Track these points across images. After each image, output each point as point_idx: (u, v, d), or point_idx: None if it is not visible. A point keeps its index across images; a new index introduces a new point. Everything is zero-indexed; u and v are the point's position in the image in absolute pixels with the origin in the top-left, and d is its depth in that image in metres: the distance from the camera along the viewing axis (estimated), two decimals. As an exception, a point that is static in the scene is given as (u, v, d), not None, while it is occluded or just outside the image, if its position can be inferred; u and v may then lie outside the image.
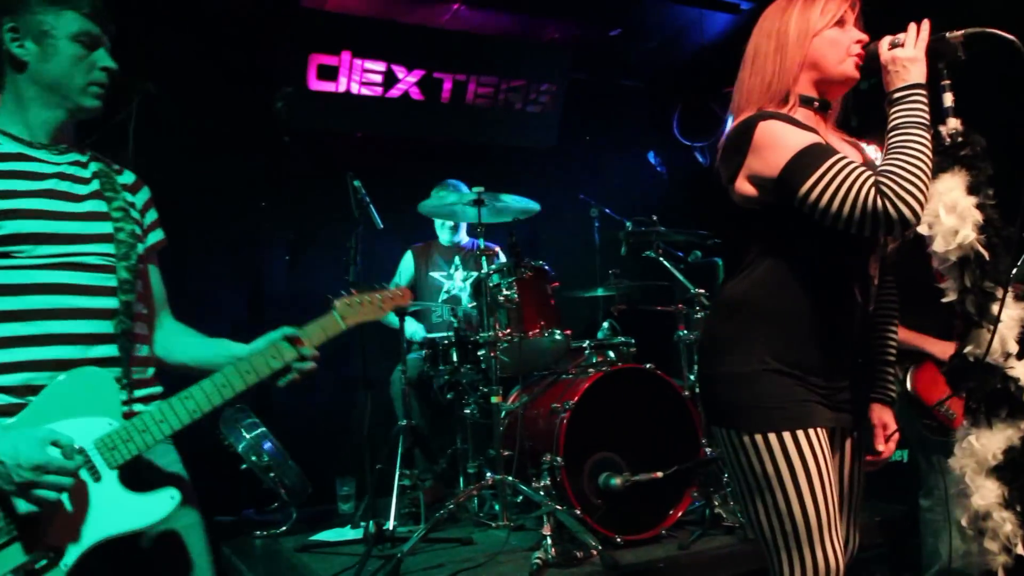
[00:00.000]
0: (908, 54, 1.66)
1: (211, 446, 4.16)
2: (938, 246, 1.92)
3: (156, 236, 1.83)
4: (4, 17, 1.59)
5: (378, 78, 4.80)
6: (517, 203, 3.79)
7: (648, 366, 3.50)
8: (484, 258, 3.57)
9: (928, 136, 1.61)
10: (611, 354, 3.70)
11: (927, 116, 1.63)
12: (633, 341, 4.06)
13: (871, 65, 1.74)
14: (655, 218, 4.13)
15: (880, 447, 1.86)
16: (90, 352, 1.57)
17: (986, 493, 1.92)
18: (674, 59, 5.65)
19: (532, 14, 4.98)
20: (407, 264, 4.60)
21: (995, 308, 1.94)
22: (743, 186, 1.68)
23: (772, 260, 1.70)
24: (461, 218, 4.31)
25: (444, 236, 4.55)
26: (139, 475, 1.56)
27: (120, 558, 1.55)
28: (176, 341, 1.83)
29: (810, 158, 1.58)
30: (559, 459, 3.22)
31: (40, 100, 1.61)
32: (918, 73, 1.65)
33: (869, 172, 1.56)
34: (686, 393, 3.51)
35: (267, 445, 4.02)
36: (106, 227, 1.64)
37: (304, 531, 3.84)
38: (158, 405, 1.59)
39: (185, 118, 4.46)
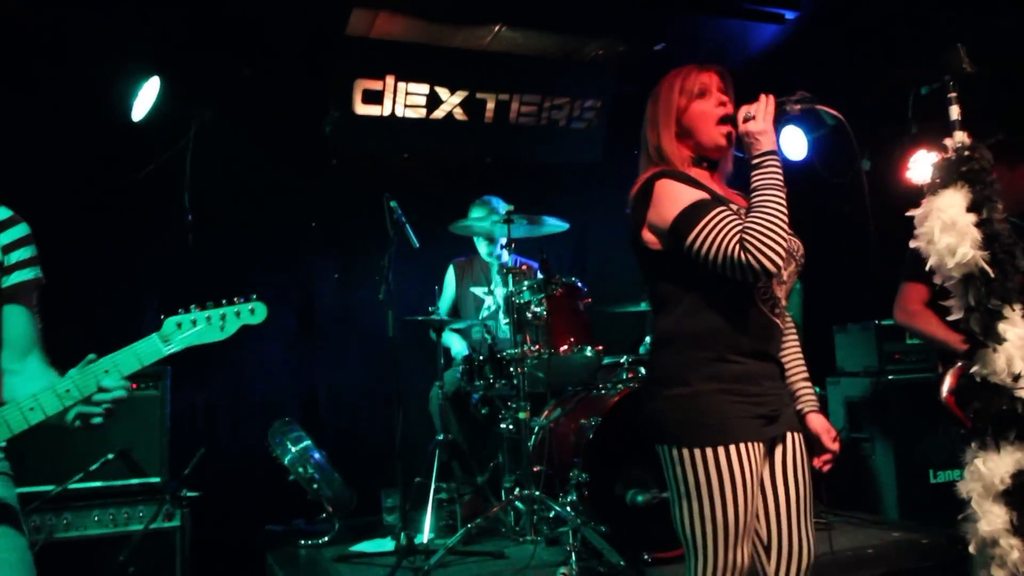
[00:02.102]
0: (758, 127, 1.88)
1: (264, 458, 4.34)
2: (936, 264, 1.88)
3: (22, 275, 1.74)
4: None
5: (422, 100, 4.93)
6: (548, 221, 3.82)
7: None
8: (511, 275, 3.61)
9: (782, 194, 1.83)
10: (643, 370, 3.69)
11: (780, 177, 1.85)
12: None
13: (731, 124, 1.96)
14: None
15: (831, 446, 2.01)
16: None
17: (993, 519, 1.87)
18: (728, 67, 5.60)
19: (572, 31, 5.01)
20: (450, 279, 4.69)
21: (1001, 327, 1.89)
22: (647, 235, 1.92)
23: (690, 294, 1.89)
24: (495, 235, 4.37)
25: (483, 252, 4.62)
26: None
27: None
28: (24, 386, 1.70)
29: (693, 214, 1.81)
30: (584, 475, 3.24)
31: None
32: (768, 141, 1.88)
33: (739, 227, 1.78)
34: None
35: (312, 458, 4.16)
36: None
37: (349, 541, 3.95)
38: None
39: (239, 144, 4.70)
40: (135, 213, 4.48)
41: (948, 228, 1.90)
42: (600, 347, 3.69)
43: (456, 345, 4.43)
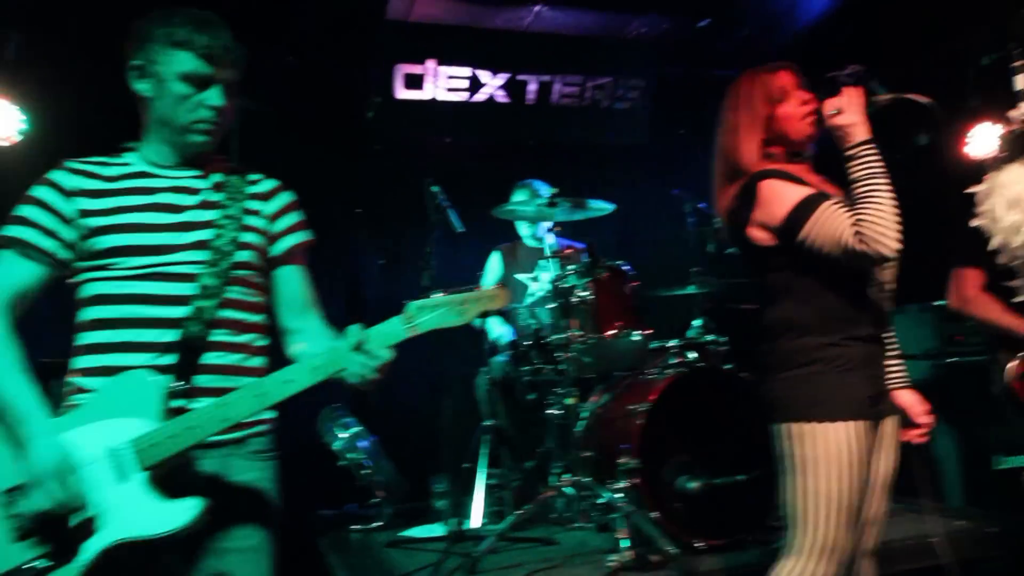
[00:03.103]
0: (847, 119, 1.93)
1: (314, 444, 4.38)
2: (1000, 243, 1.79)
3: (292, 240, 1.87)
4: (132, 55, 1.71)
5: (463, 84, 4.89)
6: (592, 204, 3.76)
7: (728, 367, 3.41)
8: (557, 260, 3.57)
9: (887, 180, 1.88)
10: (691, 354, 3.63)
11: (881, 164, 1.90)
12: (725, 339, 3.97)
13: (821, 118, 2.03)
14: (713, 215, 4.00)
15: (921, 420, 2.13)
16: (156, 360, 1.64)
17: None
18: (772, 45, 5.45)
19: (614, 9, 4.92)
20: (494, 264, 4.66)
21: (1074, 308, 1.79)
22: (755, 233, 2.02)
23: (801, 284, 2.00)
24: (539, 219, 4.31)
25: (527, 236, 4.58)
26: (199, 485, 1.60)
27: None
28: (305, 343, 1.81)
29: (803, 210, 1.91)
30: (634, 461, 3.19)
31: (158, 131, 1.73)
32: (861, 132, 1.92)
33: (851, 217, 1.86)
34: (770, 394, 3.39)
35: (361, 444, 4.19)
36: (204, 234, 1.70)
37: (400, 526, 3.98)
38: (196, 413, 1.59)
39: (282, 132, 4.72)
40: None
41: (1014, 205, 1.80)
42: (648, 331, 3.63)
43: (497, 329, 4.40)
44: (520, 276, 4.59)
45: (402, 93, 4.81)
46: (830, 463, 1.87)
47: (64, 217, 1.66)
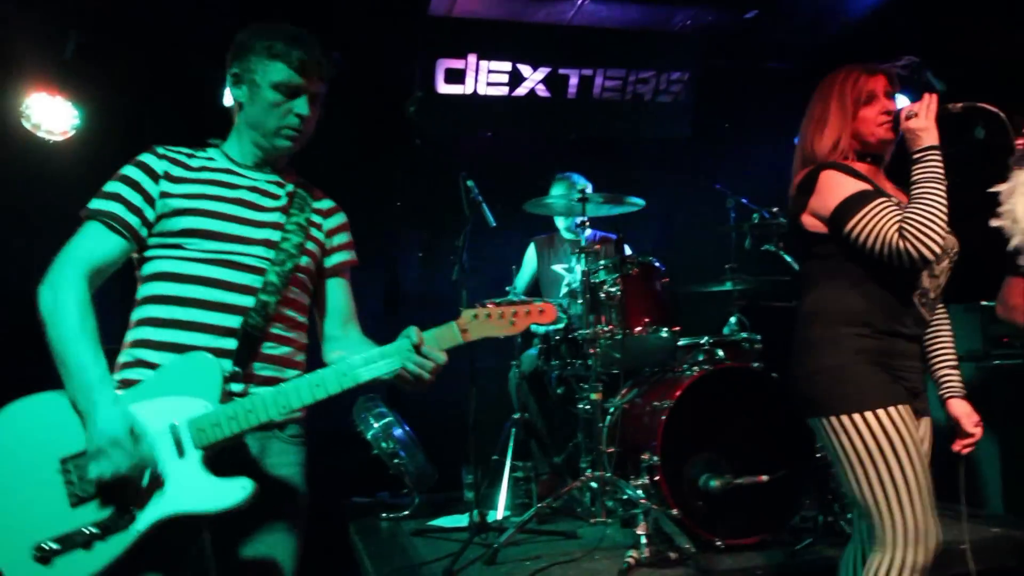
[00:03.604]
0: (920, 124, 1.99)
1: (351, 432, 4.48)
2: (1018, 243, 1.73)
3: (342, 256, 2.00)
4: (232, 63, 1.86)
5: (504, 78, 4.91)
6: (626, 199, 3.76)
7: (756, 365, 3.36)
8: (584, 255, 3.56)
9: (942, 187, 1.94)
10: (720, 352, 3.59)
11: (941, 171, 1.96)
12: (759, 338, 3.91)
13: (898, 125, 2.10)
14: (775, 209, 3.94)
15: (971, 430, 2.15)
16: (216, 342, 1.72)
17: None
18: (821, 38, 5.32)
19: (658, 2, 4.87)
20: (530, 256, 4.68)
21: (1092, 311, 1.72)
22: (808, 220, 2.09)
23: (841, 274, 2.05)
24: (572, 213, 4.30)
25: (563, 228, 4.58)
26: (241, 463, 1.69)
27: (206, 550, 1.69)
28: (343, 351, 1.88)
29: (854, 203, 1.98)
30: (656, 458, 3.18)
31: (248, 134, 1.86)
32: (930, 137, 1.99)
33: (899, 216, 1.93)
34: (799, 394, 3.33)
35: (395, 433, 4.27)
36: (274, 235, 1.82)
37: (429, 516, 4.04)
38: (253, 398, 1.66)
39: (326, 125, 4.81)
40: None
41: (1034, 206, 1.74)
42: (677, 327, 3.61)
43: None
44: (556, 267, 4.60)
45: (443, 88, 4.86)
46: (894, 448, 1.91)
47: (149, 196, 1.76)
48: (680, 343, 3.75)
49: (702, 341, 3.79)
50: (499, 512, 3.73)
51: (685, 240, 5.58)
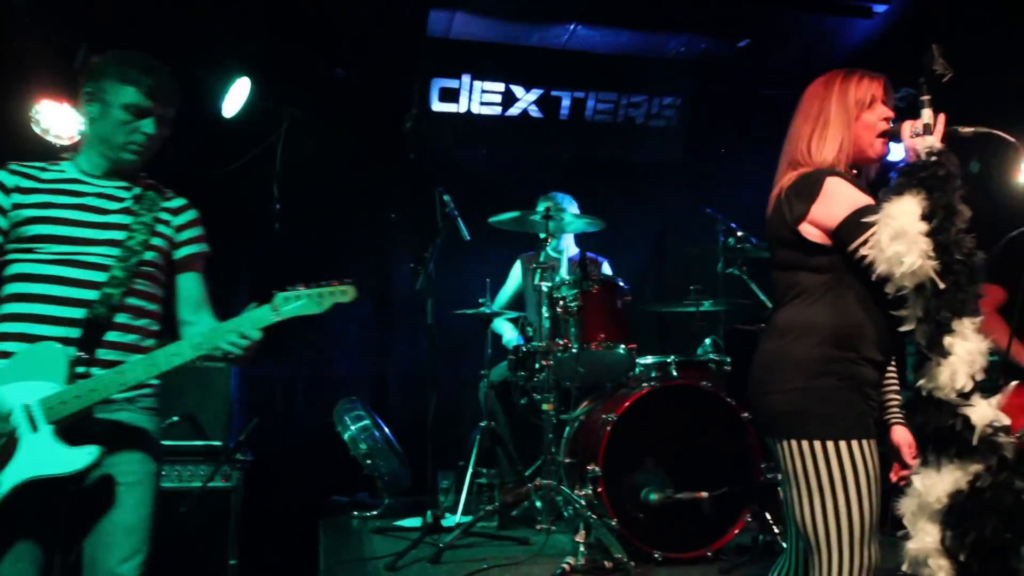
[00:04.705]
0: (927, 144, 1.89)
1: (335, 432, 4.65)
2: (885, 272, 1.81)
3: (192, 249, 2.21)
4: (87, 82, 2.09)
5: (497, 98, 5.08)
6: (582, 219, 3.88)
7: (704, 384, 3.45)
8: (539, 271, 3.69)
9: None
10: (675, 371, 3.68)
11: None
12: (728, 360, 3.99)
13: (892, 139, 2.03)
14: (740, 233, 4.03)
15: (909, 462, 2.05)
16: (63, 332, 1.96)
17: (923, 537, 1.79)
18: (819, 64, 5.38)
19: (651, 29, 4.99)
20: (516, 272, 4.82)
21: (948, 340, 1.80)
22: (808, 229, 1.94)
23: (836, 290, 1.93)
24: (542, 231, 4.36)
25: (549, 247, 4.70)
26: (96, 434, 1.93)
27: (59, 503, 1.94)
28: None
29: (862, 218, 1.85)
30: (598, 469, 3.29)
31: (97, 146, 2.10)
32: None
33: None
34: (745, 415, 3.42)
35: (368, 436, 4.43)
36: (119, 235, 2.06)
37: (399, 516, 4.19)
38: (95, 379, 1.92)
39: (324, 139, 5.03)
40: (229, 202, 4.90)
41: (897, 236, 1.81)
42: (633, 345, 3.70)
43: (507, 333, 4.56)
44: (543, 284, 4.72)
45: (438, 105, 5.04)
46: (860, 482, 1.82)
47: (2, 209, 2.02)
48: (646, 360, 3.85)
49: (668, 360, 3.89)
50: (457, 516, 3.85)
51: (676, 261, 5.68)
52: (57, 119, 4.06)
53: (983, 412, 1.79)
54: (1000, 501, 1.75)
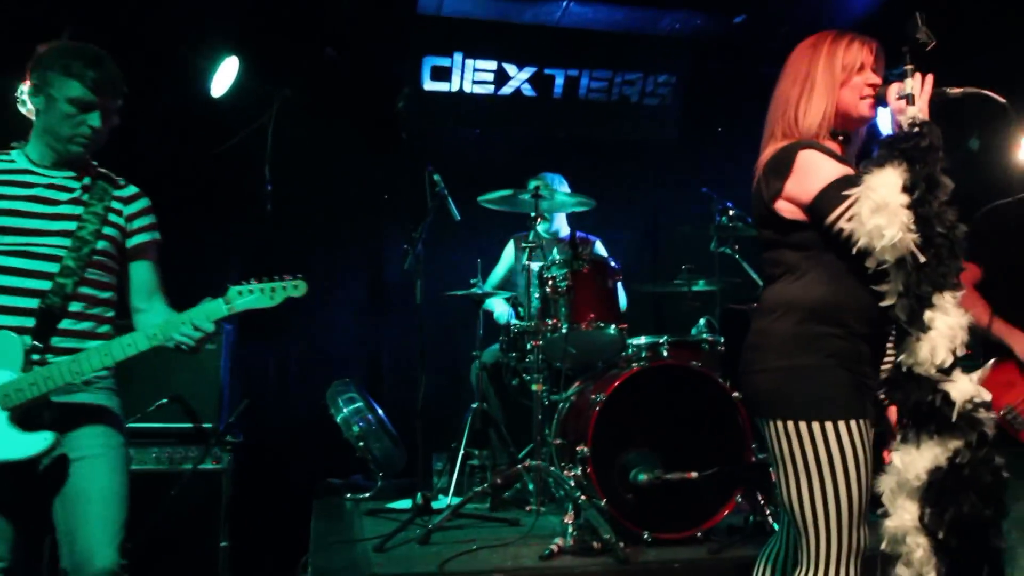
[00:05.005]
0: (914, 108, 1.84)
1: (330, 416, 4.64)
2: (865, 245, 1.77)
3: (144, 237, 2.24)
4: (32, 74, 2.11)
5: (490, 76, 5.03)
6: (572, 198, 3.84)
7: (694, 364, 3.42)
8: (530, 249, 3.66)
9: None
10: (665, 352, 3.65)
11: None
12: (721, 340, 3.96)
13: (879, 103, 1.97)
14: (732, 212, 3.99)
15: None
16: (16, 321, 2.00)
17: (902, 515, 1.76)
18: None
19: (646, 5, 4.92)
20: (508, 252, 4.79)
21: (928, 315, 1.76)
22: (783, 205, 1.91)
23: (817, 266, 1.89)
24: (523, 210, 4.29)
25: (540, 227, 4.67)
26: (52, 419, 1.98)
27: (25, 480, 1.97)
28: (149, 321, 2.16)
29: (838, 190, 1.81)
30: (586, 449, 3.26)
31: (44, 138, 2.12)
32: None
33: None
34: (736, 395, 3.38)
35: (361, 419, 4.41)
36: (69, 225, 2.08)
37: (392, 498, 4.18)
38: (51, 367, 1.97)
39: (316, 119, 4.99)
40: (220, 183, 4.87)
41: (878, 209, 1.77)
42: (624, 325, 3.68)
43: (499, 309, 4.53)
44: (532, 264, 4.68)
45: (429, 84, 4.99)
46: (847, 464, 1.78)
47: None
48: (638, 341, 3.82)
49: (661, 340, 3.85)
50: (448, 498, 3.85)
51: (670, 240, 5.63)
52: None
53: (963, 388, 1.76)
54: (979, 478, 1.72)
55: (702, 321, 4.35)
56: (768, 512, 3.33)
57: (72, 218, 2.09)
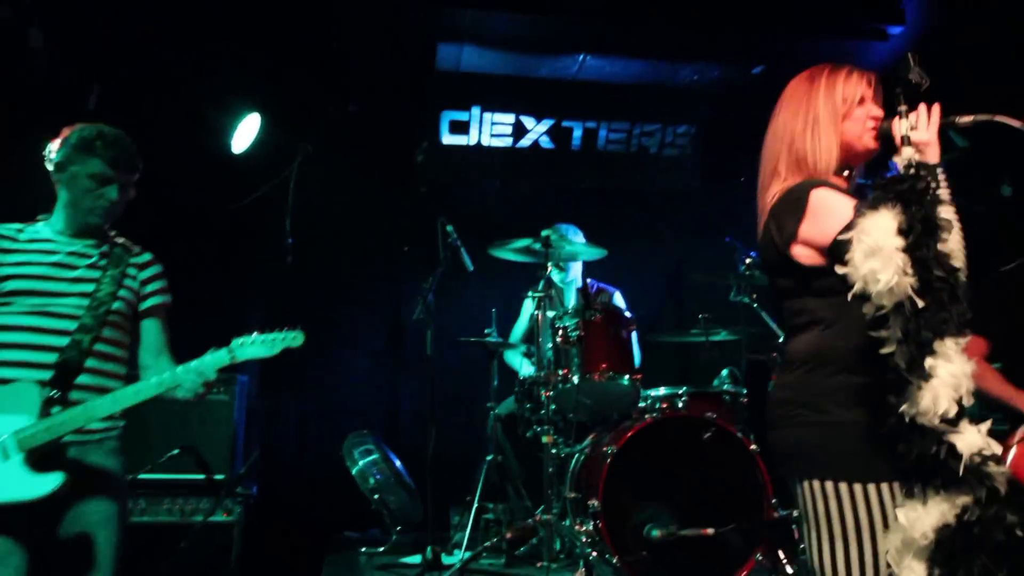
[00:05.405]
0: (922, 138, 1.77)
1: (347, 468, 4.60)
2: (860, 291, 1.71)
3: (155, 300, 2.41)
4: (57, 153, 2.34)
5: (508, 129, 5.08)
6: (584, 247, 3.82)
7: (709, 415, 3.33)
8: (539, 300, 3.63)
9: (952, 209, 1.74)
10: (679, 403, 3.57)
11: (947, 192, 1.76)
12: (744, 391, 3.87)
13: (884, 137, 1.87)
14: (748, 260, 3.92)
15: None
16: (36, 375, 2.15)
17: None
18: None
19: (663, 58, 4.95)
20: (526, 306, 4.76)
21: (929, 362, 1.69)
22: (800, 251, 1.79)
23: (846, 313, 1.74)
24: (534, 260, 4.26)
25: (556, 278, 4.65)
26: (64, 465, 2.09)
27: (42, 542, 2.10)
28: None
29: None
30: (597, 503, 3.18)
31: (67, 210, 2.32)
32: (932, 154, 1.78)
33: None
34: (754, 447, 3.29)
35: (377, 471, 4.37)
36: (87, 288, 2.27)
37: (408, 552, 4.10)
38: (64, 414, 2.10)
39: (336, 172, 5.07)
40: (243, 235, 4.95)
41: (872, 253, 1.72)
42: (638, 376, 3.61)
43: (524, 369, 4.49)
44: (551, 315, 4.65)
45: (448, 138, 5.05)
46: (878, 529, 1.68)
47: None
48: (657, 392, 3.74)
49: (679, 391, 3.77)
50: (462, 552, 3.76)
51: (694, 289, 5.56)
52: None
53: (970, 440, 1.66)
54: (990, 536, 1.62)
55: (725, 372, 4.26)
56: (790, 572, 3.20)
57: (90, 281, 2.27)
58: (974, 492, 1.64)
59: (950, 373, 1.68)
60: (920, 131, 1.78)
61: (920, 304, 1.69)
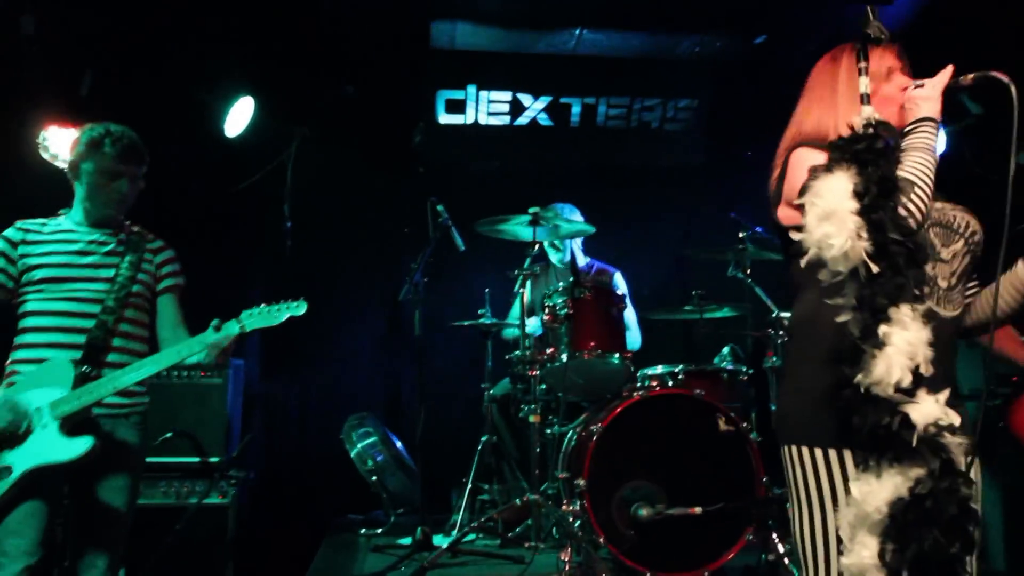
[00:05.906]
0: (923, 93, 1.77)
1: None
2: (814, 257, 1.64)
3: (170, 281, 2.64)
4: (71, 153, 2.54)
5: (504, 107, 5.01)
6: (571, 225, 3.75)
7: (697, 392, 3.26)
8: (528, 279, 3.57)
9: (929, 157, 1.70)
10: (670, 381, 3.50)
11: (931, 141, 1.72)
12: (744, 369, 3.79)
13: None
14: (741, 235, 3.83)
15: None
16: (67, 354, 2.40)
17: (861, 552, 1.59)
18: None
19: (662, 30, 4.84)
20: (528, 287, 4.70)
21: (884, 329, 1.61)
22: (784, 212, 1.79)
23: (811, 280, 1.70)
24: (522, 237, 4.17)
25: (553, 258, 4.59)
26: (94, 431, 2.34)
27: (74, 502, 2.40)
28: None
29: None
30: (584, 483, 3.13)
31: (83, 204, 2.55)
32: (928, 108, 1.75)
33: None
34: (745, 424, 3.21)
35: (375, 453, 4.37)
36: (109, 272, 2.50)
37: (406, 534, 4.09)
38: (92, 384, 2.35)
39: (334, 155, 5.05)
40: (242, 220, 4.96)
41: (826, 217, 1.64)
42: (628, 354, 3.54)
43: (531, 323, 4.39)
44: (521, 291, 4.58)
45: (444, 118, 5.00)
46: (840, 495, 1.65)
47: (11, 260, 2.50)
48: (655, 371, 3.68)
49: (676, 369, 3.70)
50: (455, 533, 3.74)
51: (700, 266, 5.45)
52: (64, 145, 4.18)
53: (927, 410, 1.59)
54: (943, 510, 1.55)
55: (726, 349, 4.19)
56: (783, 551, 3.13)
57: (111, 267, 2.51)
58: (928, 464, 1.57)
59: (905, 341, 1.61)
60: (925, 87, 1.76)
61: (875, 269, 1.62)
